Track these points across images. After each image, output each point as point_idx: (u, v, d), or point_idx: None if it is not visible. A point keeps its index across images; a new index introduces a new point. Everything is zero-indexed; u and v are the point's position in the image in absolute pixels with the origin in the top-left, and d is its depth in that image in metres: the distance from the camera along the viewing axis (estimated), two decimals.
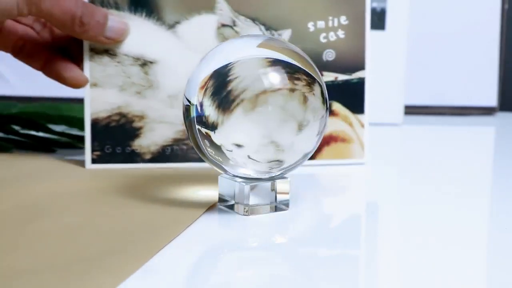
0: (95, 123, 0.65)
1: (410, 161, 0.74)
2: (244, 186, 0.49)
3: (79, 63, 0.65)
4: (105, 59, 0.64)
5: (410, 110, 1.06)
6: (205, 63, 0.47)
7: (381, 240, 0.48)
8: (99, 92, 0.64)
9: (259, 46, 0.46)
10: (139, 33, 0.64)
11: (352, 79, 0.67)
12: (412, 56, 1.02)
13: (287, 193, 0.50)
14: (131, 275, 0.39)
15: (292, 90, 0.41)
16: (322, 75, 0.66)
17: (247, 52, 0.45)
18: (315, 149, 0.48)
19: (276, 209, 0.50)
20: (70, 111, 0.80)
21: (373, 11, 0.93)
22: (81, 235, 0.46)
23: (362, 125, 0.68)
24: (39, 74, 0.68)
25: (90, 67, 0.64)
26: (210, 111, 0.43)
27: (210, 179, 0.57)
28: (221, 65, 0.43)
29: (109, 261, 0.41)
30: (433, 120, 1.03)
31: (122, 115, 0.65)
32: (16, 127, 0.77)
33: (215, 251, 0.45)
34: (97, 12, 0.62)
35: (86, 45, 0.64)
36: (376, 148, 0.77)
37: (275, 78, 0.41)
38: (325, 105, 0.46)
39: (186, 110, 0.47)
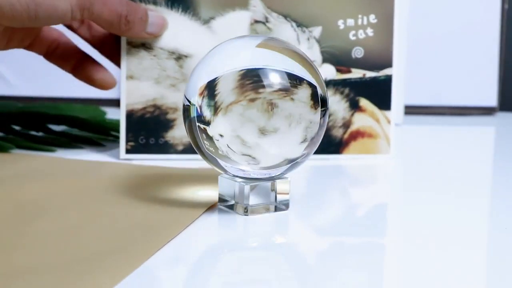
0: (130, 114, 0.66)
1: (410, 161, 0.75)
2: (244, 186, 0.50)
3: (115, 59, 0.67)
4: (142, 52, 0.66)
5: (410, 110, 1.07)
6: (206, 66, 0.49)
7: (380, 238, 0.49)
8: (135, 84, 0.66)
9: (258, 46, 0.49)
10: (175, 28, 0.66)
11: (380, 76, 0.69)
12: (412, 56, 1.03)
13: (287, 193, 0.52)
14: (130, 275, 0.39)
15: (252, 100, 0.46)
16: (350, 71, 0.68)
17: (245, 57, 0.48)
18: (304, 157, 0.49)
19: (276, 209, 0.51)
20: (70, 111, 0.81)
21: None
22: (81, 235, 0.46)
23: (389, 121, 0.69)
24: (39, 74, 0.69)
25: (127, 60, 0.65)
26: (207, 113, 0.47)
27: (210, 179, 0.58)
28: (211, 78, 0.48)
29: (109, 261, 0.41)
30: (433, 120, 1.04)
31: (156, 107, 0.66)
32: (16, 127, 0.77)
33: (215, 250, 0.45)
34: (139, 9, 0.63)
35: (123, 39, 0.65)
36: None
37: (238, 91, 0.46)
38: (318, 108, 0.47)
39: (186, 110, 0.49)
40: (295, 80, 0.46)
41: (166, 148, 0.67)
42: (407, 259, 0.43)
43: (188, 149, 0.67)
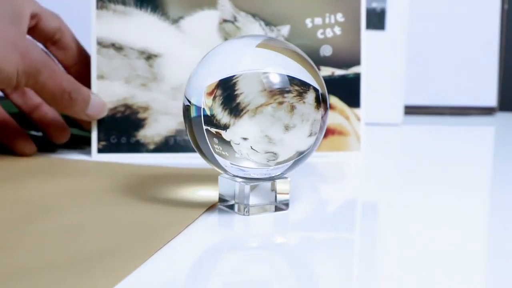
0: None
1: (410, 160, 0.75)
2: (244, 186, 0.51)
3: (86, 83, 0.68)
4: (111, 52, 0.67)
5: (410, 110, 1.07)
6: (207, 67, 0.50)
7: (379, 234, 0.49)
8: (106, 84, 0.67)
9: (258, 46, 0.50)
10: (144, 28, 0.67)
11: (349, 74, 0.69)
12: (412, 56, 1.03)
13: (287, 194, 0.53)
14: (130, 275, 0.40)
15: (281, 103, 0.49)
16: (319, 69, 0.69)
17: (247, 59, 0.50)
18: (313, 148, 0.52)
19: (276, 209, 0.53)
20: None
21: (373, 11, 0.95)
22: (81, 234, 0.46)
23: (358, 119, 0.70)
24: None
25: (98, 60, 0.67)
26: (222, 115, 0.49)
27: (210, 179, 0.59)
28: (227, 76, 0.49)
29: (108, 261, 0.41)
30: (433, 120, 1.03)
31: (127, 106, 0.67)
32: None
33: (215, 250, 0.46)
34: (83, 90, 0.65)
35: (94, 38, 0.67)
36: (376, 147, 0.79)
37: (269, 94, 0.49)
38: (320, 108, 0.51)
39: (186, 110, 0.50)
40: (306, 86, 0.50)
41: (137, 147, 0.68)
42: (406, 263, 0.44)
43: (159, 148, 0.68)
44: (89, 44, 0.67)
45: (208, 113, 0.49)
